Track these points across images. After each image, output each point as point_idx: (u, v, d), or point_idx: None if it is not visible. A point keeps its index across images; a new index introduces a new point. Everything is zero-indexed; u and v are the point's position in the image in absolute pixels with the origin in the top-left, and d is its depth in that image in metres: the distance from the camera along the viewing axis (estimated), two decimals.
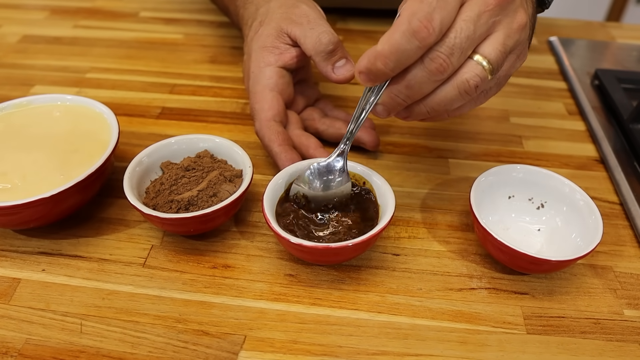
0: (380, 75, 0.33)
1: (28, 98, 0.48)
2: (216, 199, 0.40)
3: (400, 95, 0.35)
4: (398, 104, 0.36)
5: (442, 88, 0.35)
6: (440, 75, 0.34)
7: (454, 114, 0.38)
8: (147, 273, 0.40)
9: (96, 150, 0.43)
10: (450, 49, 0.32)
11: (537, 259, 0.37)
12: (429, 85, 0.34)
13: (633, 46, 0.74)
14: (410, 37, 0.31)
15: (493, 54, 0.34)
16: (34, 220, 0.40)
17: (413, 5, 0.31)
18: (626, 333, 0.37)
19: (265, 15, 0.49)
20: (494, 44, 0.34)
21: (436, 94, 0.35)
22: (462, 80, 0.34)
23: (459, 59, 0.33)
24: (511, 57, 0.37)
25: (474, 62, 0.34)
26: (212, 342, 0.36)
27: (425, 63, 0.33)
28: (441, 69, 0.33)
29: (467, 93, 0.35)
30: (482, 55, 0.34)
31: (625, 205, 0.47)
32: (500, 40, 0.34)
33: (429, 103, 0.36)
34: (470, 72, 0.34)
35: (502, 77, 0.37)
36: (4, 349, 0.35)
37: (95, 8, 0.79)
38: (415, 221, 0.45)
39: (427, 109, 0.36)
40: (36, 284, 0.39)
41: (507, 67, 0.37)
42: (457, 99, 0.35)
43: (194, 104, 0.59)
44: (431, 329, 0.37)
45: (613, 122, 0.57)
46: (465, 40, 0.33)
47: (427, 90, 0.35)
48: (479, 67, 0.34)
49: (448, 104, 0.36)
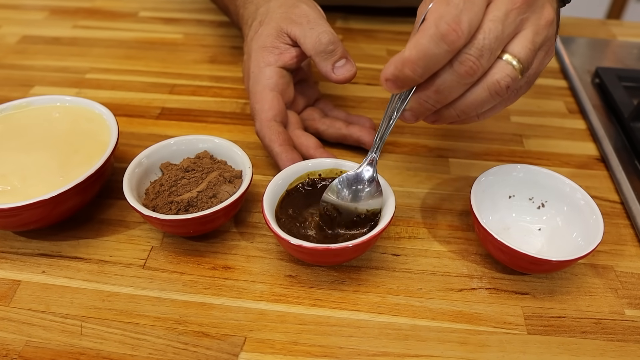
0: (409, 82, 0.33)
1: (27, 99, 0.48)
2: (216, 200, 0.40)
3: (430, 101, 0.35)
4: (427, 109, 0.36)
5: (472, 90, 0.34)
6: (470, 78, 0.33)
7: (485, 116, 0.38)
8: (147, 274, 0.40)
9: (96, 151, 0.43)
10: (479, 51, 0.32)
11: (537, 259, 0.37)
12: (458, 89, 0.34)
13: (634, 44, 0.74)
14: (438, 41, 0.31)
15: (523, 52, 0.33)
16: (33, 222, 0.40)
17: (439, 9, 0.31)
18: (627, 333, 0.37)
19: (265, 15, 0.48)
20: (523, 42, 0.34)
21: (466, 97, 0.35)
22: (492, 82, 0.34)
23: (489, 60, 0.33)
24: (540, 54, 0.36)
25: (504, 62, 0.34)
26: (213, 344, 0.36)
27: (455, 67, 0.33)
28: (471, 72, 0.33)
29: (498, 94, 0.34)
30: (511, 54, 0.33)
31: (626, 204, 0.47)
32: (529, 38, 0.34)
33: (459, 106, 0.35)
34: (501, 73, 0.34)
35: (531, 75, 0.37)
36: (4, 351, 0.35)
37: (95, 8, 0.79)
38: (416, 221, 0.45)
39: (457, 112, 0.36)
40: (36, 285, 0.39)
41: (536, 65, 0.36)
42: (488, 101, 0.35)
43: (194, 104, 0.59)
44: (432, 330, 0.37)
45: (614, 120, 0.57)
46: (494, 40, 0.32)
47: (457, 93, 0.34)
48: (509, 67, 0.33)
49: (479, 107, 0.35)
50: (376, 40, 0.71)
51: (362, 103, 0.59)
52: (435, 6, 0.31)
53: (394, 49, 0.69)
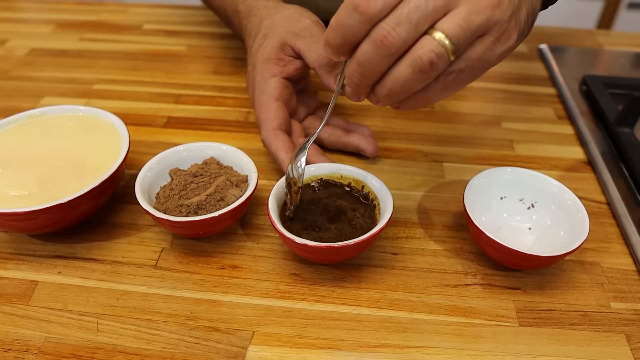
0: (334, 49, 0.33)
1: (41, 109, 0.50)
2: (223, 203, 0.43)
3: (355, 74, 0.34)
4: (356, 83, 0.35)
5: (397, 66, 0.32)
6: (387, 50, 0.31)
7: (422, 100, 0.36)
8: (159, 274, 0.42)
9: (108, 158, 0.45)
10: (396, 20, 0.30)
11: (528, 255, 0.39)
12: (379, 62, 0.32)
13: (619, 53, 0.77)
14: (351, 11, 0.31)
15: (453, 29, 0.31)
16: (50, 225, 0.42)
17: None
18: (612, 324, 0.39)
19: (269, 28, 0.51)
20: (455, 19, 0.31)
21: (391, 73, 0.33)
22: (415, 57, 0.31)
23: (409, 32, 0.31)
24: (487, 39, 0.33)
25: (430, 37, 0.31)
26: (223, 338, 0.38)
27: (371, 36, 0.31)
28: (386, 42, 0.31)
29: (422, 71, 0.32)
30: (439, 30, 0.31)
31: (612, 204, 0.49)
32: (462, 15, 0.31)
33: (386, 84, 0.34)
34: (424, 48, 0.31)
35: (474, 59, 0.33)
36: (25, 346, 0.37)
37: (100, 21, 0.81)
38: (413, 222, 0.47)
39: (385, 90, 0.34)
40: (53, 285, 0.41)
41: (481, 50, 0.33)
42: (414, 79, 0.32)
43: (199, 113, 0.61)
44: (429, 323, 0.39)
45: (600, 125, 0.59)
46: (415, 10, 0.30)
47: (379, 67, 0.33)
48: (434, 43, 0.31)
49: (405, 85, 0.33)
50: None
51: (360, 111, 0.62)
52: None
53: None
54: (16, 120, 0.49)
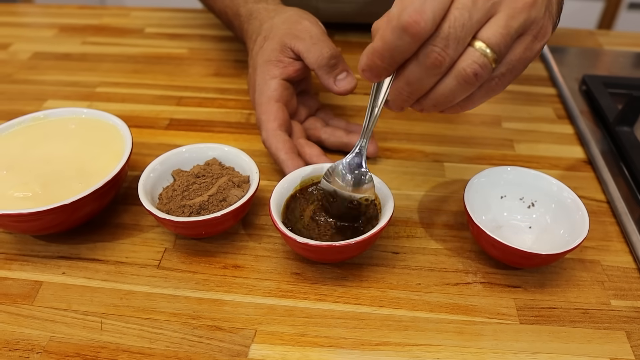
0: (381, 71, 0.33)
1: (44, 112, 0.51)
2: (225, 203, 0.43)
3: (404, 92, 0.34)
4: (403, 100, 0.35)
5: (443, 81, 0.33)
6: (437, 69, 0.32)
7: (467, 106, 0.36)
8: (162, 274, 0.43)
9: (111, 160, 0.46)
10: (444, 41, 0.31)
11: (528, 254, 0.39)
12: (428, 80, 0.33)
13: (619, 52, 0.77)
14: (401, 33, 0.30)
15: (494, 38, 0.31)
16: (53, 226, 0.43)
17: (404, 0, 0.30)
18: (613, 321, 0.40)
19: (269, 30, 0.51)
20: (494, 28, 0.31)
21: (438, 88, 0.34)
22: (459, 70, 0.32)
23: (456, 50, 0.31)
24: (525, 39, 0.33)
25: (472, 49, 0.32)
26: (225, 337, 0.38)
27: (420, 59, 0.32)
28: (437, 63, 0.31)
29: (467, 83, 0.33)
30: (481, 40, 0.32)
31: (612, 203, 0.50)
32: (501, 22, 0.31)
33: (433, 97, 0.34)
34: (467, 61, 0.32)
35: (515, 61, 0.34)
36: (30, 346, 0.37)
37: (102, 25, 0.82)
38: (413, 221, 0.48)
39: (432, 102, 0.35)
40: (57, 286, 0.42)
41: (521, 50, 0.34)
42: (460, 90, 0.33)
43: (200, 115, 0.61)
44: (430, 321, 0.39)
45: (600, 125, 0.60)
46: (461, 29, 0.31)
47: (429, 84, 0.34)
48: (477, 54, 0.32)
49: (451, 96, 0.34)
50: None
51: (361, 112, 0.62)
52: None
53: None
54: (20, 123, 0.50)
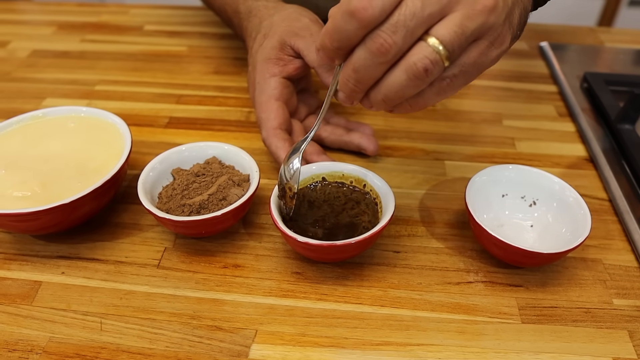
0: (330, 53, 0.33)
1: (43, 110, 0.50)
2: (226, 202, 0.43)
3: (351, 80, 0.33)
4: (351, 89, 0.34)
5: (391, 72, 0.32)
6: (383, 57, 0.31)
7: (417, 105, 0.35)
8: (162, 274, 0.42)
9: (110, 158, 0.45)
10: (392, 28, 0.30)
11: (530, 253, 0.39)
12: (374, 69, 0.32)
13: (620, 50, 0.77)
14: (349, 18, 0.30)
15: (447, 36, 0.30)
16: (53, 226, 0.42)
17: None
18: (615, 320, 0.39)
19: (269, 28, 0.51)
20: (449, 25, 0.30)
21: (386, 79, 0.33)
22: (409, 63, 0.31)
23: (405, 39, 0.30)
24: (481, 44, 0.32)
25: (425, 43, 0.31)
26: (226, 337, 0.38)
27: (367, 43, 0.31)
28: (382, 50, 0.30)
29: (417, 78, 0.32)
30: (434, 36, 0.31)
31: (613, 201, 0.49)
32: (456, 21, 0.31)
33: (381, 89, 0.33)
34: (419, 54, 0.31)
35: (468, 64, 0.33)
36: (29, 346, 0.37)
37: (101, 23, 0.81)
38: (414, 220, 0.47)
39: (381, 96, 0.34)
40: (56, 286, 0.41)
41: (475, 55, 0.33)
42: (409, 85, 0.32)
43: (200, 113, 0.61)
44: (431, 321, 0.39)
45: (602, 122, 0.59)
46: (411, 17, 0.30)
47: (375, 74, 0.32)
48: (429, 49, 0.31)
49: (400, 91, 0.33)
50: None
51: (361, 110, 0.62)
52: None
53: None
54: (18, 121, 0.49)
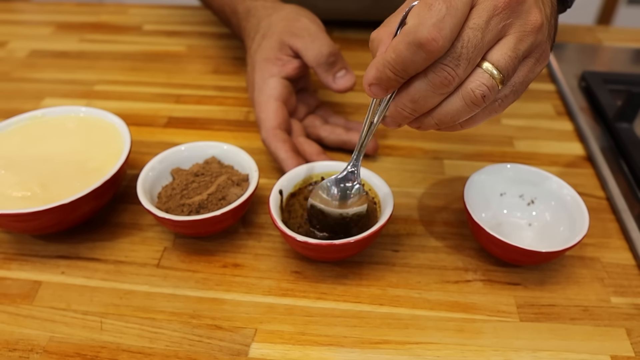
0: (392, 83, 0.32)
1: (42, 110, 0.50)
2: (225, 202, 0.43)
3: (406, 109, 0.33)
4: (405, 117, 0.34)
5: (448, 100, 0.33)
6: (445, 89, 0.31)
7: (468, 125, 0.36)
8: (162, 273, 0.42)
9: (110, 158, 0.45)
10: (456, 61, 0.30)
11: (528, 251, 0.39)
12: (434, 98, 0.32)
13: (618, 48, 0.77)
14: (416, 49, 0.29)
15: (502, 60, 0.31)
16: (52, 226, 0.43)
17: (421, 13, 0.29)
18: (613, 318, 0.40)
19: (267, 28, 0.51)
20: (504, 50, 0.31)
21: (443, 107, 0.33)
22: (467, 91, 0.32)
23: (466, 70, 0.31)
24: (529, 62, 0.33)
25: (481, 70, 0.31)
26: (225, 336, 0.38)
27: (429, 76, 0.31)
28: (446, 83, 0.31)
29: (474, 104, 0.32)
30: (490, 62, 0.31)
31: (611, 200, 0.50)
32: (510, 45, 0.31)
33: (436, 115, 0.33)
34: (476, 82, 0.31)
35: (518, 83, 0.34)
36: (30, 346, 0.37)
37: (100, 22, 0.81)
38: (413, 219, 0.48)
39: (434, 121, 0.34)
40: (56, 285, 0.42)
41: (524, 73, 0.33)
42: (465, 111, 0.33)
43: (199, 113, 0.61)
44: (430, 319, 0.39)
45: (600, 121, 0.59)
46: (473, 50, 0.30)
47: (433, 103, 0.33)
48: (486, 76, 0.31)
49: (456, 116, 0.33)
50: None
51: (360, 109, 0.62)
52: (417, 9, 0.29)
53: None
54: (18, 121, 0.49)
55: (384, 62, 0.31)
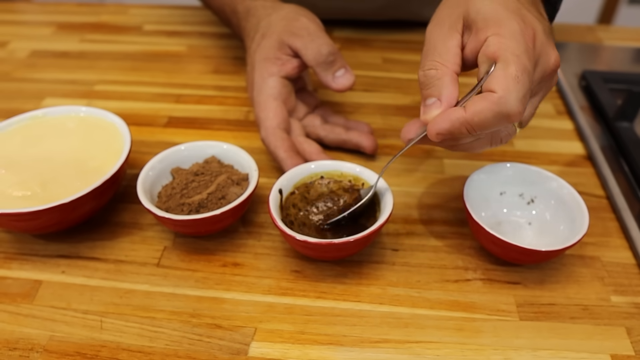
0: (460, 136, 0.36)
1: (43, 110, 0.50)
2: (225, 201, 0.43)
3: (445, 143, 0.38)
4: (438, 145, 0.39)
5: (478, 140, 0.38)
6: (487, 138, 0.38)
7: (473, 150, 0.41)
8: (162, 272, 0.43)
9: (110, 158, 0.46)
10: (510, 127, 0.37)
11: (528, 250, 0.39)
12: (471, 139, 0.38)
13: (619, 48, 0.77)
14: (503, 119, 0.32)
15: (528, 117, 0.38)
16: (53, 225, 0.43)
17: (510, 85, 0.32)
18: (613, 317, 0.40)
19: (267, 28, 0.51)
20: (532, 108, 0.38)
21: (471, 143, 0.38)
22: (497, 138, 0.38)
23: None
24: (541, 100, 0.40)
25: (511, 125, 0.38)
26: (225, 335, 0.38)
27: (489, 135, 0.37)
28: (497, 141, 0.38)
29: (496, 145, 0.39)
30: None
31: (611, 198, 0.50)
32: (536, 104, 0.38)
33: (462, 147, 0.39)
34: (507, 131, 0.38)
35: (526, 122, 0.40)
36: (30, 345, 0.37)
37: (100, 22, 0.81)
38: (413, 218, 0.48)
39: (458, 150, 0.39)
40: (57, 284, 0.42)
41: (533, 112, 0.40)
42: (487, 148, 0.39)
43: (199, 112, 0.61)
44: (430, 318, 0.39)
45: (600, 120, 0.59)
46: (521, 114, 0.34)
47: (468, 142, 0.38)
48: (514, 128, 0.38)
49: (478, 150, 0.39)
50: (372, 49, 0.74)
51: (360, 109, 0.62)
52: (504, 79, 0.32)
53: (389, 57, 0.72)
54: (18, 121, 0.50)
55: (463, 120, 0.33)
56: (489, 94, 0.32)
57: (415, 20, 0.76)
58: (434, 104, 0.35)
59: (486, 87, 0.33)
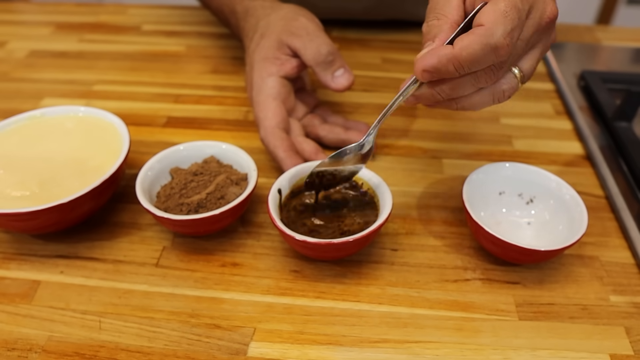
0: (448, 76, 0.34)
1: (41, 110, 0.50)
2: (224, 201, 0.43)
3: (443, 94, 0.36)
4: (437, 100, 0.37)
5: (479, 92, 0.37)
6: (484, 85, 0.36)
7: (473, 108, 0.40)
8: (160, 272, 0.42)
9: (108, 158, 0.45)
10: (503, 64, 0.34)
11: (527, 250, 0.39)
12: (470, 90, 0.36)
13: (618, 48, 0.77)
14: (490, 52, 0.32)
15: (530, 70, 0.37)
16: (51, 225, 0.43)
17: (498, 19, 0.32)
18: (612, 317, 0.40)
19: (266, 28, 0.51)
20: (532, 61, 0.37)
21: (472, 97, 0.37)
22: (499, 90, 0.37)
23: (504, 72, 0.36)
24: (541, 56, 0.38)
25: (512, 74, 0.36)
26: (224, 335, 0.38)
27: (478, 74, 0.34)
28: (489, 81, 0.35)
29: (499, 101, 0.37)
30: (520, 69, 0.36)
31: (610, 198, 0.50)
32: (537, 56, 0.37)
33: (462, 102, 0.37)
34: (509, 84, 0.36)
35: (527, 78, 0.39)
36: (29, 345, 0.37)
37: (99, 22, 0.81)
38: (412, 218, 0.48)
39: (458, 106, 0.38)
40: (55, 285, 0.42)
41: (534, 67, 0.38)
42: (489, 104, 0.37)
43: (198, 112, 0.61)
44: (429, 318, 0.39)
45: (599, 120, 0.59)
46: (516, 58, 0.35)
47: (467, 93, 0.37)
48: (515, 80, 0.36)
49: (479, 106, 0.38)
50: (371, 49, 0.74)
51: (359, 109, 0.62)
52: (492, 13, 0.32)
53: (388, 57, 0.72)
54: (17, 121, 0.49)
55: (450, 56, 0.32)
56: (476, 28, 0.33)
57: (412, 20, 0.76)
58: (428, 45, 0.36)
59: (475, 22, 0.33)
